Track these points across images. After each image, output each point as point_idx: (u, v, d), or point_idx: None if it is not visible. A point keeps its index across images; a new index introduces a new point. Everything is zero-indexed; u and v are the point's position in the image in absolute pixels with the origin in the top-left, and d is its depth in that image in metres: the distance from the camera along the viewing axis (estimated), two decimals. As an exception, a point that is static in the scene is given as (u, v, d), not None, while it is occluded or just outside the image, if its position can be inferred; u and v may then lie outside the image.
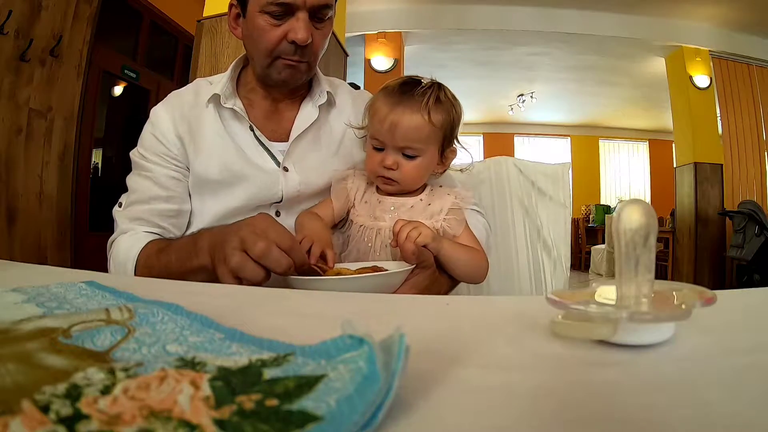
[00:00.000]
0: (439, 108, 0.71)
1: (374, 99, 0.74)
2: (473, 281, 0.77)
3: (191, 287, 0.51)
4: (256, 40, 0.76)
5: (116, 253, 0.76)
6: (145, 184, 0.80)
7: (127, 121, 3.50)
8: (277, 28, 0.74)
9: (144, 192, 0.79)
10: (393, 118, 0.70)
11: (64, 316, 0.29)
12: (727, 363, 0.25)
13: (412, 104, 0.70)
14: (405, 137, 0.70)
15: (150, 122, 0.83)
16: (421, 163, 0.73)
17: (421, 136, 0.71)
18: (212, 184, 0.79)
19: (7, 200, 2.24)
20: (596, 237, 6.70)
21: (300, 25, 0.73)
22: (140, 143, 0.83)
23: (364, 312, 0.40)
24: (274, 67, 0.77)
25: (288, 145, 0.81)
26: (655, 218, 0.28)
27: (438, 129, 0.72)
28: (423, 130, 0.70)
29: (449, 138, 0.75)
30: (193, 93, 0.85)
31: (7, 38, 2.17)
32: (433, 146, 0.73)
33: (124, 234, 0.78)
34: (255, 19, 0.74)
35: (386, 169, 0.72)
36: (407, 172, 0.73)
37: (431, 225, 0.73)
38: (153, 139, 0.81)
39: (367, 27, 4.51)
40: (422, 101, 0.70)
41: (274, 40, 0.74)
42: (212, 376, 0.20)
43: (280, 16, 0.73)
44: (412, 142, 0.71)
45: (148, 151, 0.81)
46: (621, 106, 6.85)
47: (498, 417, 0.19)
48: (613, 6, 4.37)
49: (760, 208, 4.03)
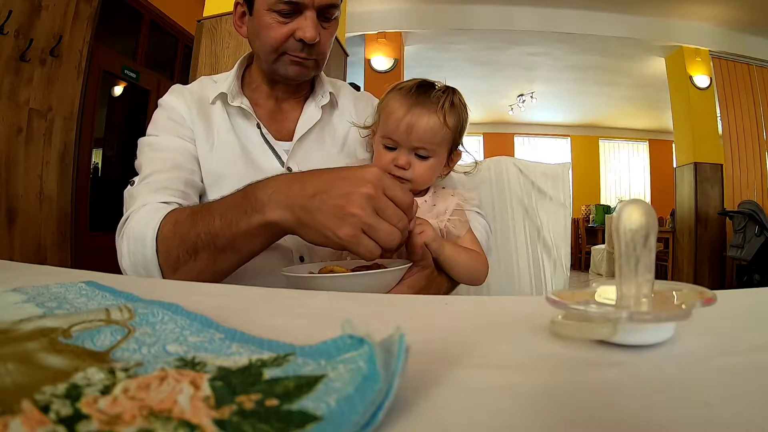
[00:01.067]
0: (453, 112, 0.73)
1: (388, 99, 0.75)
2: (472, 283, 0.77)
3: (191, 287, 0.51)
4: (262, 37, 0.77)
5: (130, 229, 0.64)
6: (165, 154, 0.72)
7: (127, 121, 3.50)
8: (284, 26, 0.74)
9: (165, 162, 0.71)
10: (410, 119, 0.71)
11: (64, 316, 0.29)
12: (727, 363, 0.25)
13: (429, 106, 0.71)
14: (421, 138, 0.71)
15: (162, 108, 0.81)
16: (433, 164, 0.74)
17: (436, 138, 0.72)
18: (212, 179, 0.79)
19: (7, 200, 2.24)
20: (596, 237, 6.70)
21: (308, 23, 0.73)
22: (152, 126, 0.79)
23: (364, 312, 0.40)
24: (280, 62, 0.78)
25: (292, 145, 0.81)
26: (655, 218, 0.28)
27: (451, 132, 0.73)
28: (438, 132, 0.72)
29: (457, 141, 0.77)
30: (198, 87, 0.85)
31: (7, 38, 2.17)
32: (444, 148, 0.75)
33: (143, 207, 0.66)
34: (262, 16, 0.75)
35: (398, 168, 0.73)
36: (420, 172, 0.74)
37: (435, 225, 0.73)
38: (167, 120, 0.79)
39: (367, 27, 4.51)
40: (439, 104, 0.71)
41: (281, 37, 0.75)
42: (212, 376, 0.20)
43: (288, 15, 0.74)
44: (427, 143, 0.72)
45: (163, 132, 0.77)
46: (621, 106, 6.86)
47: (498, 417, 0.19)
48: (613, 6, 4.38)
49: (760, 208, 4.03)
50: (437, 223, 0.74)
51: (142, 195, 0.67)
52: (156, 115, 0.81)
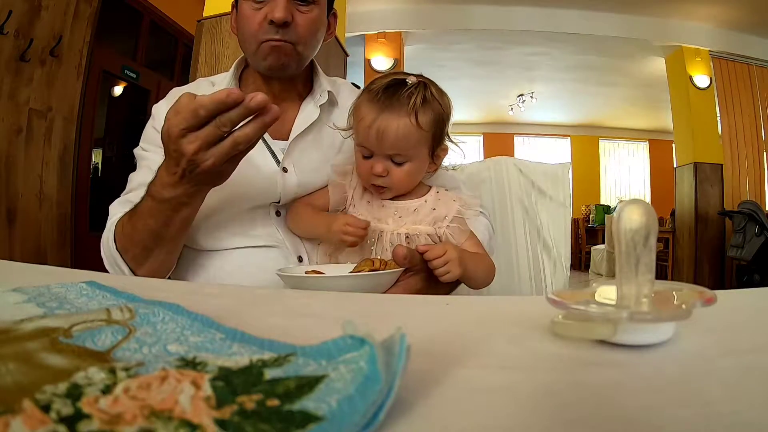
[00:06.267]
0: (426, 109, 0.69)
1: (359, 103, 0.72)
2: (485, 287, 0.77)
3: (191, 287, 0.51)
4: (243, 28, 0.78)
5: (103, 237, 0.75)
6: (141, 173, 0.80)
7: (127, 121, 3.50)
8: (259, 12, 0.75)
9: (139, 180, 0.79)
10: (379, 125, 0.68)
11: (65, 316, 0.29)
12: (727, 363, 0.25)
13: (398, 109, 0.68)
14: (393, 145, 0.69)
15: (152, 117, 0.83)
16: (411, 169, 0.72)
17: (410, 142, 0.69)
18: None
19: (7, 200, 2.24)
20: (596, 237, 6.69)
21: (277, 3, 0.74)
22: (142, 138, 0.84)
23: (365, 312, 0.40)
24: (260, 51, 0.78)
25: (287, 144, 0.81)
26: (655, 218, 0.28)
27: (426, 131, 0.70)
28: (412, 136, 0.69)
29: (439, 137, 0.73)
30: (194, 91, 0.85)
31: (7, 38, 2.17)
32: (422, 149, 0.72)
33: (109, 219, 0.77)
34: (242, 8, 0.77)
35: (376, 176, 0.71)
36: (398, 178, 0.72)
37: (434, 231, 0.72)
38: (153, 130, 0.81)
39: (367, 27, 4.51)
40: (409, 104, 0.68)
41: (256, 23, 0.76)
42: (213, 376, 0.20)
43: (262, 0, 0.75)
44: (401, 149, 0.70)
45: (148, 143, 0.82)
46: (621, 106, 6.86)
47: (498, 417, 0.19)
48: (613, 6, 4.37)
49: (760, 208, 4.03)
50: (435, 229, 0.73)
51: (117, 210, 0.77)
52: (146, 126, 0.84)
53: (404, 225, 0.73)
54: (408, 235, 0.73)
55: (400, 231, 0.73)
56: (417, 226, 0.73)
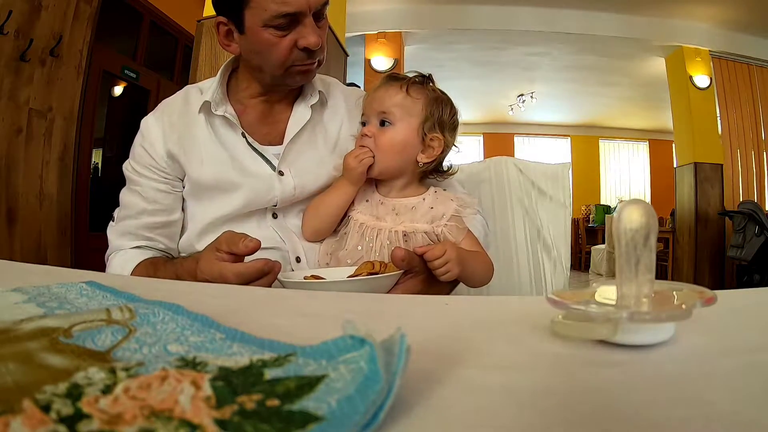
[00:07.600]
0: (419, 89, 0.76)
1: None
2: (484, 284, 0.77)
3: (191, 287, 0.51)
4: (265, 55, 0.75)
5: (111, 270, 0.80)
6: (134, 199, 0.82)
7: (127, 121, 3.50)
8: (285, 39, 0.73)
9: (132, 207, 0.82)
10: (376, 91, 0.77)
11: (65, 316, 0.29)
12: (727, 363, 0.25)
13: (396, 81, 0.77)
14: (382, 102, 0.75)
15: (140, 133, 0.83)
16: (396, 135, 0.75)
17: (395, 102, 0.75)
18: (208, 190, 0.79)
19: (7, 200, 2.24)
20: (596, 237, 6.69)
21: (308, 30, 0.72)
22: (131, 155, 0.84)
23: (365, 312, 0.40)
24: (288, 75, 0.77)
25: (283, 148, 0.81)
26: (655, 218, 0.28)
27: (416, 102, 0.75)
28: (400, 99, 0.75)
29: (431, 122, 0.76)
30: (182, 101, 0.84)
31: (7, 38, 2.17)
32: (412, 120, 0.75)
33: (117, 252, 0.81)
34: (259, 34, 0.73)
35: (364, 137, 0.76)
36: (382, 141, 0.75)
37: (432, 229, 0.73)
38: (142, 150, 0.81)
39: (367, 27, 4.51)
40: (405, 80, 0.77)
41: (285, 51, 0.73)
42: (213, 376, 0.20)
43: (286, 27, 0.72)
44: (387, 108, 0.75)
45: (138, 164, 0.82)
46: (621, 106, 6.85)
47: (498, 417, 0.19)
48: (613, 6, 4.37)
49: (760, 208, 4.03)
50: (433, 228, 0.73)
51: (115, 238, 0.83)
52: (135, 142, 0.84)
53: (402, 223, 0.74)
54: (406, 233, 0.73)
55: (397, 229, 0.73)
56: (415, 224, 0.74)
